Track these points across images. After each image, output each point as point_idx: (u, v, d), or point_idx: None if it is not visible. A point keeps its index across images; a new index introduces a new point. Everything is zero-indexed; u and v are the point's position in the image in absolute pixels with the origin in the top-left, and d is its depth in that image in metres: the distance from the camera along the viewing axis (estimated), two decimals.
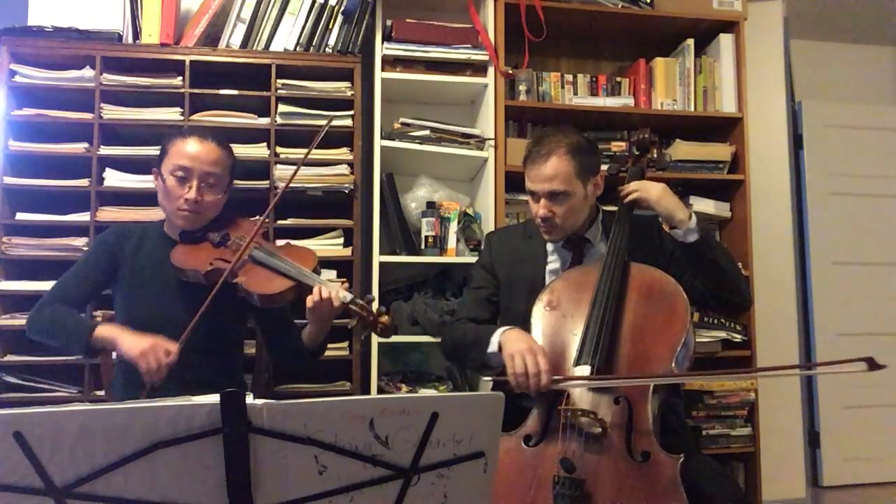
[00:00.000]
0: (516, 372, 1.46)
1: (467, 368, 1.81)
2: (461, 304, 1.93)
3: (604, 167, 1.87)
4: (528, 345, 1.51)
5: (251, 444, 0.75)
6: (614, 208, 1.77)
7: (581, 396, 1.45)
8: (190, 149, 1.71)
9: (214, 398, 0.74)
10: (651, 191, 1.70)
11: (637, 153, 1.87)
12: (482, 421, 0.85)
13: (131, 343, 1.55)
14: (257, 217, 2.21)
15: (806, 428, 3.15)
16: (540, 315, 1.61)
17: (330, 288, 1.60)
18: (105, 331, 1.60)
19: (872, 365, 1.23)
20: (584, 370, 1.47)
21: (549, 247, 1.86)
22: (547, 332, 1.59)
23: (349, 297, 1.59)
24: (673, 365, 1.45)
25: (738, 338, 2.59)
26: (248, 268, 1.65)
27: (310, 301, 1.58)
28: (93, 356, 1.73)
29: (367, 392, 2.32)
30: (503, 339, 1.57)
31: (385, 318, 1.58)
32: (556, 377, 1.47)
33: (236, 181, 2.25)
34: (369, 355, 2.35)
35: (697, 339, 2.54)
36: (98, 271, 1.75)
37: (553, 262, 1.84)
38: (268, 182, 2.30)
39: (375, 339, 2.35)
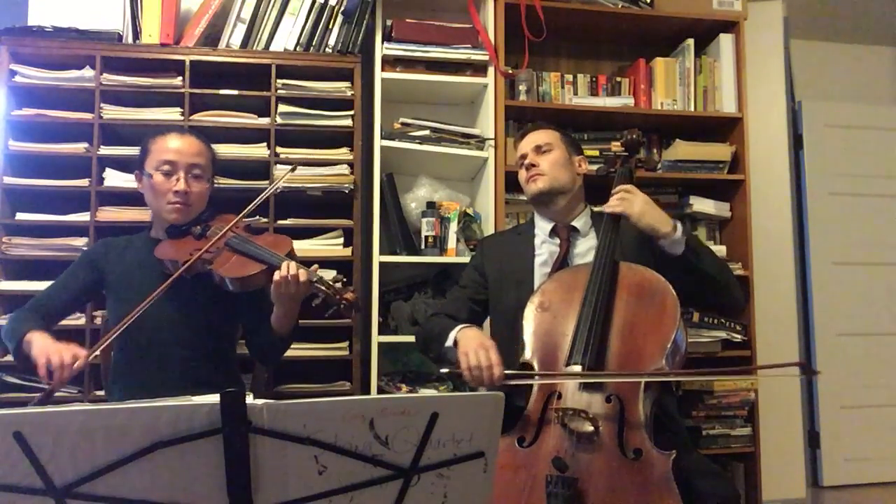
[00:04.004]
0: (471, 365, 1.55)
1: (431, 360, 1.89)
2: (444, 301, 2.02)
3: (593, 167, 1.96)
4: (481, 341, 1.60)
5: (251, 444, 0.75)
6: (601, 209, 1.79)
7: (572, 396, 1.46)
8: (172, 144, 1.75)
9: (214, 398, 0.74)
10: (633, 206, 1.69)
11: (626, 153, 1.88)
12: (482, 421, 0.85)
13: (39, 344, 1.55)
14: (258, 217, 2.22)
15: (806, 428, 3.15)
16: (532, 317, 1.63)
17: (299, 267, 1.61)
18: (30, 335, 1.59)
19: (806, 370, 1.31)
20: (575, 370, 1.47)
21: (537, 240, 1.92)
22: (539, 333, 1.60)
23: (316, 276, 1.61)
24: (664, 362, 1.45)
25: (738, 338, 2.59)
26: (224, 255, 1.68)
27: (277, 275, 1.59)
28: (22, 360, 1.65)
29: (367, 392, 2.32)
30: (459, 336, 1.67)
31: (349, 295, 1.59)
32: (507, 372, 1.55)
33: (236, 181, 2.27)
34: (369, 355, 2.35)
35: (698, 339, 2.54)
36: (77, 281, 1.78)
37: (542, 255, 1.88)
38: (268, 182, 2.29)
39: (375, 339, 2.36)
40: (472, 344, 1.59)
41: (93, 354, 1.53)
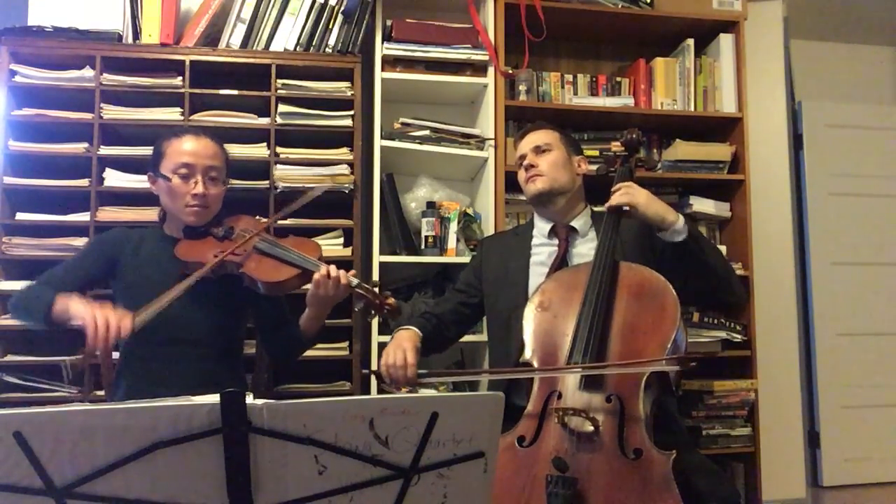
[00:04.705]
0: (387, 363, 1.64)
1: None
2: (440, 300, 2.07)
3: (593, 167, 1.95)
4: (400, 342, 1.69)
5: (251, 444, 0.75)
6: (604, 208, 1.79)
7: (572, 395, 1.46)
8: (188, 146, 1.73)
9: (214, 398, 0.74)
10: (639, 197, 1.69)
11: (626, 153, 1.88)
12: (482, 421, 0.85)
13: (81, 306, 1.51)
14: (258, 217, 2.22)
15: (806, 428, 3.15)
16: (531, 316, 1.63)
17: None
18: (61, 299, 1.55)
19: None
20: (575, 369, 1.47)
21: (535, 241, 1.92)
22: (538, 333, 1.60)
23: (355, 280, 1.62)
24: (664, 363, 1.45)
25: (738, 338, 2.59)
26: (253, 258, 1.68)
27: (317, 275, 1.60)
28: (52, 327, 1.61)
29: (367, 392, 2.32)
30: (395, 335, 1.76)
31: (392, 301, 1.63)
32: (421, 371, 1.64)
33: (236, 181, 2.27)
34: (369, 355, 2.35)
35: (698, 339, 2.55)
36: (90, 263, 1.75)
37: (538, 255, 1.89)
38: (268, 182, 2.30)
39: (375, 339, 2.36)
40: (393, 344, 1.69)
41: (140, 323, 1.50)
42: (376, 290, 1.65)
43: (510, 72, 2.62)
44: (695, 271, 1.69)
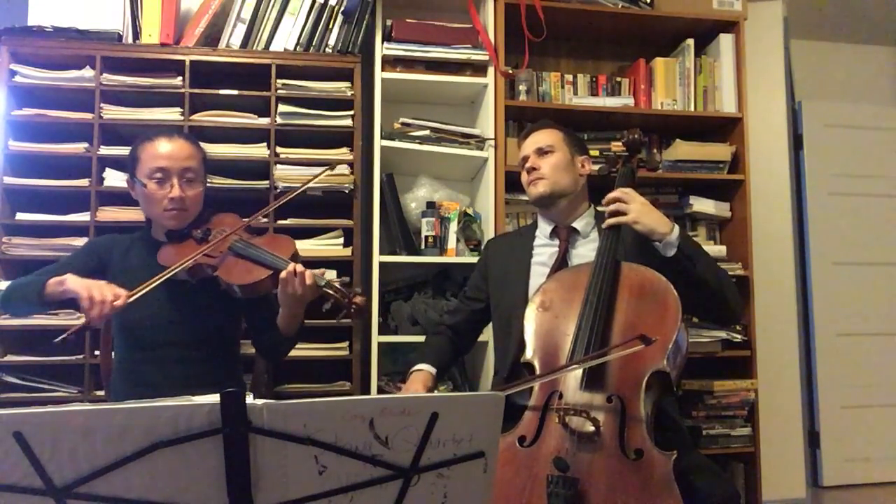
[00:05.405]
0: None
1: None
2: (453, 310, 2.10)
3: (595, 167, 1.95)
4: (414, 385, 1.77)
5: (251, 444, 0.75)
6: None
7: (573, 395, 1.46)
8: (162, 149, 1.70)
9: (214, 398, 0.74)
10: (628, 215, 1.67)
11: (627, 154, 1.87)
12: (482, 421, 0.85)
13: (78, 281, 1.54)
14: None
15: (806, 428, 3.15)
16: (533, 316, 1.63)
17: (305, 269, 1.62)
18: (53, 279, 1.58)
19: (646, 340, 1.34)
20: (576, 370, 1.47)
21: (537, 241, 1.92)
22: (540, 333, 1.60)
23: (322, 280, 1.60)
24: (665, 363, 1.45)
25: (738, 338, 2.59)
26: (228, 261, 1.68)
27: (283, 274, 1.59)
28: (50, 307, 1.68)
29: (367, 392, 2.32)
30: (409, 376, 1.82)
31: (358, 299, 1.60)
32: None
33: (236, 181, 2.27)
34: (369, 355, 2.35)
35: (698, 339, 2.55)
36: (80, 264, 1.74)
37: (540, 255, 1.89)
38: (268, 182, 2.30)
39: (375, 339, 2.36)
40: (405, 388, 1.79)
41: (133, 298, 1.54)
42: (345, 288, 1.62)
43: (510, 72, 2.62)
44: (685, 284, 1.64)
